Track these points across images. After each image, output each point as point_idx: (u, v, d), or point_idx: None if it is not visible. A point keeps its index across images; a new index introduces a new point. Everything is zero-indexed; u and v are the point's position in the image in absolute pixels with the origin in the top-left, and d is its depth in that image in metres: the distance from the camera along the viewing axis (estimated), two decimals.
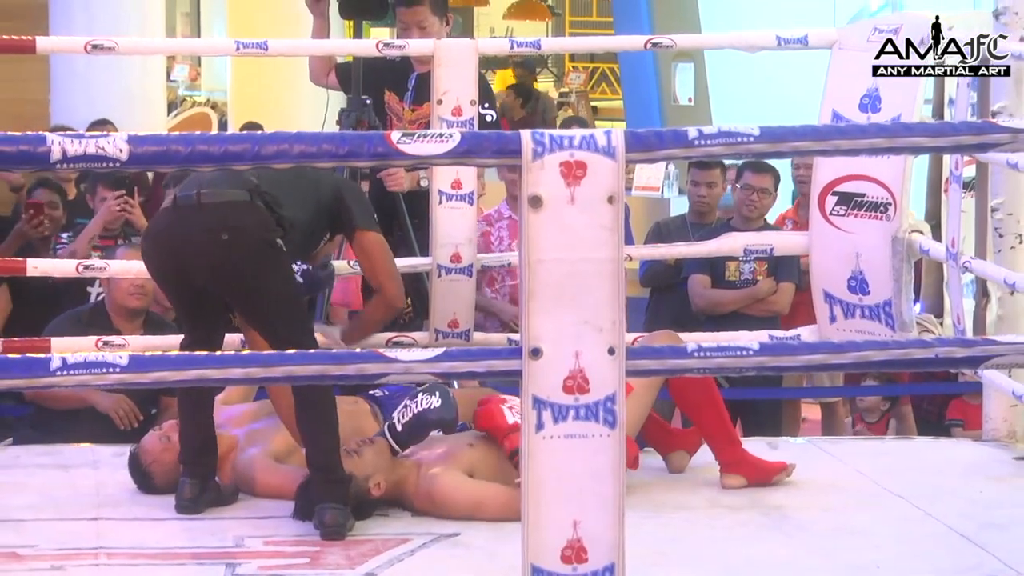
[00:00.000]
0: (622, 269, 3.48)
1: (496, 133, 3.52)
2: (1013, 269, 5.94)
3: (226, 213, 5.36)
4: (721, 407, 5.77)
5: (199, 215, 5.36)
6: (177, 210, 5.41)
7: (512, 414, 5.34)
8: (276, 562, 5.03)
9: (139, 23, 10.90)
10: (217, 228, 5.32)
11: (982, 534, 5.23)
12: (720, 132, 3.50)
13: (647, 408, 5.72)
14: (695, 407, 5.78)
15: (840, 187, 6.23)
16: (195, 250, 5.36)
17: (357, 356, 3.53)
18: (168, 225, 5.45)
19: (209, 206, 5.35)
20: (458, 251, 6.44)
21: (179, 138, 3.42)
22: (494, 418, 5.38)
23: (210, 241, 5.32)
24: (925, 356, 3.73)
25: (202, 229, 5.34)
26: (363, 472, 5.32)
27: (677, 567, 4.91)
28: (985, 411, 6.39)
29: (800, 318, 7.55)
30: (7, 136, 3.35)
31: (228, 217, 5.35)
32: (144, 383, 3.51)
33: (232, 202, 5.37)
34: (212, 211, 5.36)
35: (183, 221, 5.39)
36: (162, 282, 5.67)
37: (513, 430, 5.30)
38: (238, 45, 6.55)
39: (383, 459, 5.39)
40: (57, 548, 5.07)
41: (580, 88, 23.30)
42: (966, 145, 4.06)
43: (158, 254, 5.51)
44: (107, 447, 6.22)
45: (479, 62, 6.52)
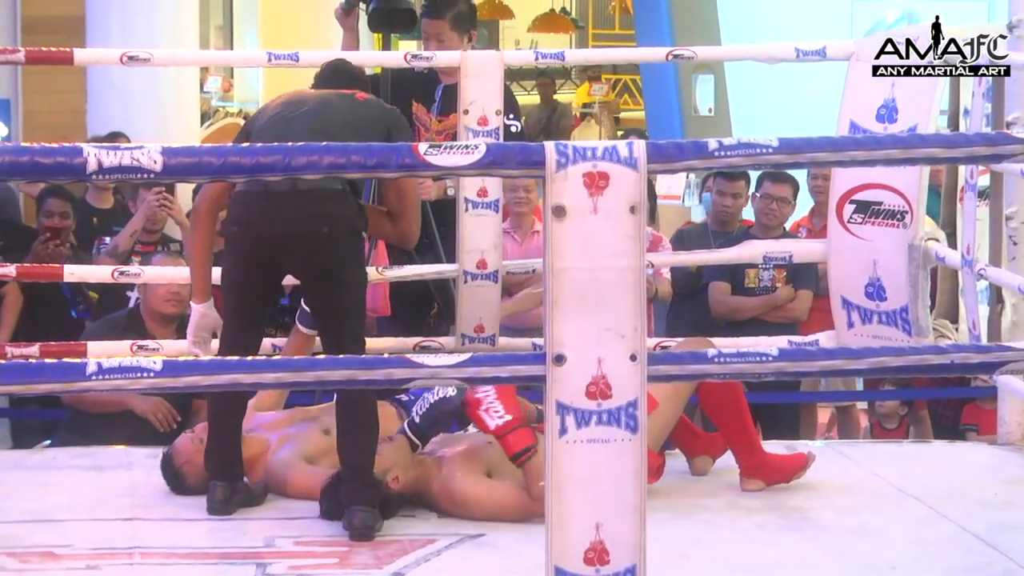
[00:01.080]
0: (643, 277, 3.48)
1: (520, 145, 3.52)
2: None
3: (324, 203, 5.27)
4: (746, 414, 5.78)
5: (296, 204, 5.25)
6: (270, 197, 5.28)
7: (491, 417, 5.26)
8: (306, 562, 5.04)
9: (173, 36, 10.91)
10: (317, 220, 5.25)
11: (995, 535, 5.22)
12: (740, 143, 3.49)
13: (671, 423, 5.70)
14: (721, 413, 5.77)
15: (858, 195, 6.23)
16: (293, 241, 5.30)
17: (385, 361, 3.53)
18: (264, 213, 5.32)
19: (306, 194, 5.24)
20: (484, 257, 6.45)
21: (211, 150, 3.42)
22: (483, 426, 5.32)
23: (310, 233, 5.27)
24: (941, 362, 3.71)
25: (301, 220, 5.25)
26: (380, 467, 5.32)
27: (698, 568, 4.90)
28: (1000, 415, 6.38)
29: (818, 324, 7.54)
30: (45, 148, 3.35)
31: (327, 208, 5.28)
32: (177, 387, 3.51)
33: (329, 190, 5.28)
34: (309, 200, 5.25)
35: (279, 209, 5.28)
36: (246, 267, 5.45)
37: (500, 434, 5.27)
38: (270, 57, 6.56)
39: (401, 455, 5.39)
40: (93, 548, 5.07)
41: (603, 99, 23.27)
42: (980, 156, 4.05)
43: (252, 241, 5.39)
44: (141, 449, 6.23)
45: (504, 74, 6.52)
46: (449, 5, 6.84)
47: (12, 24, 11.89)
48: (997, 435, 6.39)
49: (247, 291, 5.49)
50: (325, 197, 5.28)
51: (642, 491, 3.50)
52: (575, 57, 11.20)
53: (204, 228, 5.59)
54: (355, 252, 5.38)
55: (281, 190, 5.23)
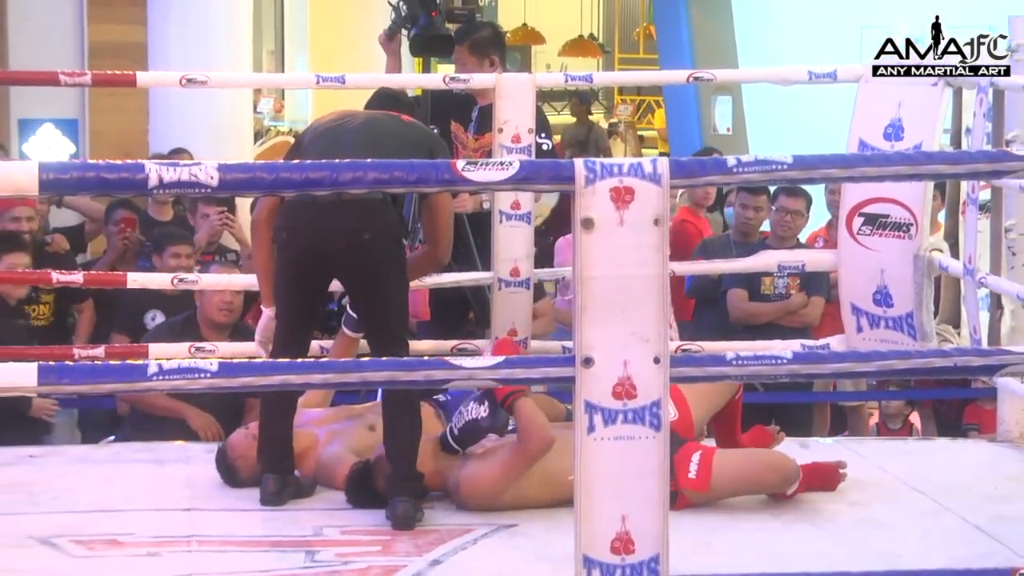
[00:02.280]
0: (667, 284, 3.47)
1: (552, 162, 3.52)
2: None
3: (366, 213, 5.29)
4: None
5: (341, 213, 5.26)
6: (317, 207, 5.30)
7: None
8: (351, 550, 5.04)
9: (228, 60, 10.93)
10: (360, 228, 5.28)
11: (995, 526, 5.20)
12: (756, 160, 3.49)
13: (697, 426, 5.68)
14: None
15: (866, 209, 6.21)
16: (338, 248, 5.32)
17: (424, 363, 3.53)
18: (310, 221, 5.33)
19: (350, 204, 5.24)
20: (517, 266, 6.45)
21: (264, 166, 3.42)
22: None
23: (354, 240, 5.29)
24: (945, 365, 3.70)
25: (345, 228, 5.28)
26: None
27: (717, 557, 4.89)
28: (999, 415, 6.36)
29: (829, 328, 7.52)
30: (110, 164, 3.36)
31: (369, 217, 5.30)
32: (233, 387, 3.52)
33: (371, 200, 5.29)
34: (353, 210, 5.27)
35: (325, 218, 5.29)
36: (294, 272, 5.48)
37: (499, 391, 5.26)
38: (318, 79, 6.56)
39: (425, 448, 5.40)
40: (153, 536, 5.08)
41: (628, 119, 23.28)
42: (983, 172, 4.04)
43: (299, 247, 5.42)
44: (198, 445, 6.26)
45: (536, 95, 6.53)
46: (469, 32, 6.86)
47: (80, 50, 11.93)
48: (997, 433, 6.37)
49: (297, 295, 5.50)
50: (367, 207, 5.29)
51: (665, 485, 3.49)
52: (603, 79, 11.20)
53: (263, 239, 5.60)
54: (396, 257, 5.39)
55: (327, 200, 5.23)
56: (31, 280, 7.47)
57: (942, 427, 8.53)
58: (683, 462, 5.34)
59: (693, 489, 5.36)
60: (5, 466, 5.93)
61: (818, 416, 8.66)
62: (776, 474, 5.48)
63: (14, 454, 6.40)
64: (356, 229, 5.28)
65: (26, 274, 7.52)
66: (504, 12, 27.73)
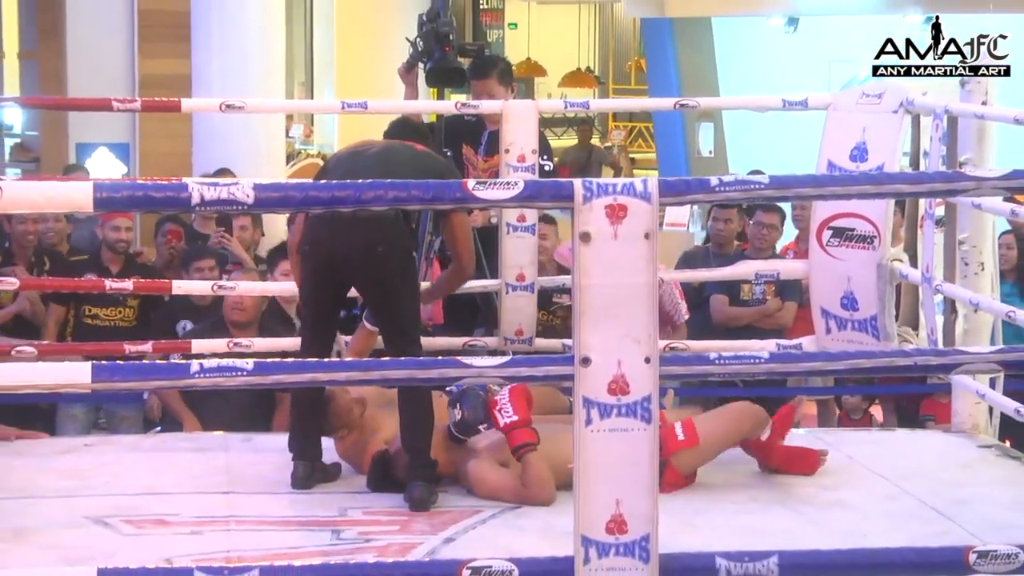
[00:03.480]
0: (656, 292, 3.46)
1: (553, 181, 3.51)
2: (976, 291, 5.91)
3: (380, 228, 5.28)
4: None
5: (356, 228, 5.27)
6: (334, 222, 5.31)
7: (502, 416, 5.26)
8: (373, 528, 5.02)
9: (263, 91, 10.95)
10: (373, 242, 5.28)
11: (951, 508, 5.18)
12: (736, 180, 3.47)
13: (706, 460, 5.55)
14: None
15: (834, 223, 6.19)
16: (353, 260, 5.32)
17: (439, 362, 3.52)
18: (329, 235, 5.35)
19: (365, 220, 5.25)
20: (522, 272, 6.46)
21: (295, 185, 3.42)
22: (495, 423, 5.31)
23: (368, 253, 5.29)
24: (906, 363, 3.69)
25: (360, 242, 5.28)
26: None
27: (700, 535, 4.87)
28: (954, 408, 6.34)
29: (801, 329, 7.50)
30: (157, 184, 3.36)
31: (382, 232, 5.29)
32: (266, 384, 3.51)
33: (384, 217, 5.28)
34: (368, 225, 5.27)
35: (342, 232, 5.30)
36: (315, 280, 5.48)
37: (508, 430, 5.26)
38: (343, 105, 6.54)
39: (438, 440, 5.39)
40: (196, 516, 5.07)
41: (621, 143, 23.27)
42: (939, 191, 4.03)
43: (319, 259, 5.42)
44: (236, 434, 6.23)
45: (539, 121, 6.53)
46: (493, 64, 6.90)
47: (131, 81, 11.94)
48: (951, 424, 6.35)
49: (318, 302, 5.51)
50: (380, 223, 5.29)
51: (655, 472, 3.47)
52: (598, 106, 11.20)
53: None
54: (406, 268, 5.39)
55: (344, 216, 5.23)
56: (86, 287, 7.50)
57: (902, 419, 8.51)
58: (669, 434, 5.32)
59: (686, 447, 5.35)
60: (62, 454, 5.93)
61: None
62: (750, 419, 5.58)
63: (69, 443, 6.40)
64: (370, 243, 5.28)
65: (82, 281, 7.56)
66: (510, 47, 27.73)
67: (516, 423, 5.25)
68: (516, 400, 5.26)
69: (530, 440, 5.23)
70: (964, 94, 5.91)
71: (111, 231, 8.26)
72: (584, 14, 29.66)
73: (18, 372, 3.43)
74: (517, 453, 5.25)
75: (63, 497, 5.32)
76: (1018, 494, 5.44)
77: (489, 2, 29.22)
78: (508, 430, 5.26)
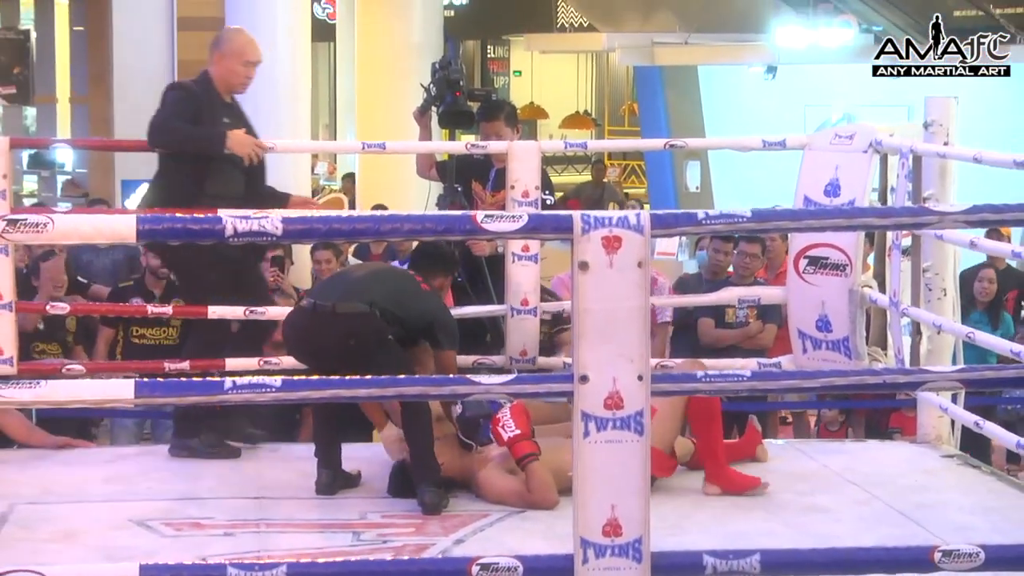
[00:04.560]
0: (647, 316, 3.45)
1: (554, 214, 3.50)
2: (939, 314, 5.90)
3: (354, 323, 5.36)
4: (718, 431, 5.61)
5: (333, 321, 5.36)
6: (316, 315, 5.42)
7: (504, 431, 5.28)
8: (390, 531, 5.01)
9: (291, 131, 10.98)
10: (346, 336, 5.33)
11: (916, 512, 5.17)
12: (721, 214, 3.46)
13: (675, 427, 5.60)
14: (700, 425, 5.66)
15: (810, 252, 6.18)
16: (328, 348, 5.38)
17: (450, 380, 3.52)
18: (308, 325, 5.45)
19: (342, 316, 5.36)
20: (526, 297, 6.43)
21: (319, 218, 3.41)
22: (499, 438, 5.32)
23: (341, 344, 5.34)
24: (876, 381, 3.69)
25: (336, 335, 5.35)
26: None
27: (689, 537, 4.85)
28: (919, 421, 6.32)
29: (781, 349, 7.49)
30: (195, 216, 3.35)
31: (355, 326, 5.35)
32: (293, 400, 3.50)
33: (358, 314, 5.36)
34: (344, 320, 5.35)
35: (320, 324, 5.40)
36: (297, 359, 5.67)
37: (511, 443, 5.26)
38: (364, 146, 6.52)
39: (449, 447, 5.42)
40: (229, 519, 5.07)
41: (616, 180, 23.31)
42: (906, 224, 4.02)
43: (297, 343, 5.56)
44: (265, 445, 6.21)
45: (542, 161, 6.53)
46: (501, 109, 6.90)
47: None
48: (917, 436, 6.33)
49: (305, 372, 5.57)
50: (355, 319, 5.37)
51: (646, 479, 3.46)
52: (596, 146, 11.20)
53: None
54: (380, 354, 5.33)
55: (325, 311, 5.37)
56: (129, 311, 7.54)
57: (871, 431, 8.50)
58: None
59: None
60: (107, 462, 5.92)
61: (771, 421, 8.62)
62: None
63: (114, 452, 6.39)
64: (343, 336, 5.33)
65: (127, 306, 7.69)
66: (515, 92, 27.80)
67: (518, 436, 5.27)
68: (517, 416, 5.29)
69: (532, 451, 5.25)
70: (928, 136, 5.92)
71: (153, 259, 8.30)
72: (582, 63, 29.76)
73: (69, 388, 3.43)
74: (521, 463, 5.25)
75: (109, 501, 5.32)
76: (978, 499, 5.42)
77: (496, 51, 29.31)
78: (511, 443, 5.27)
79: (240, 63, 6.05)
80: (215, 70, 6.08)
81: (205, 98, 6.05)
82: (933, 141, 5.88)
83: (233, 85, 6.09)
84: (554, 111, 27.66)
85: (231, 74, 6.07)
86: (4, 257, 6.08)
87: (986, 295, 8.58)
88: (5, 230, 3.22)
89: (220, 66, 6.07)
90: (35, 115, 16.84)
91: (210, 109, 6.05)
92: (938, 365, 5.72)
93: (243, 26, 11.10)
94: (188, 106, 6.01)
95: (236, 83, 6.09)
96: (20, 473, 5.66)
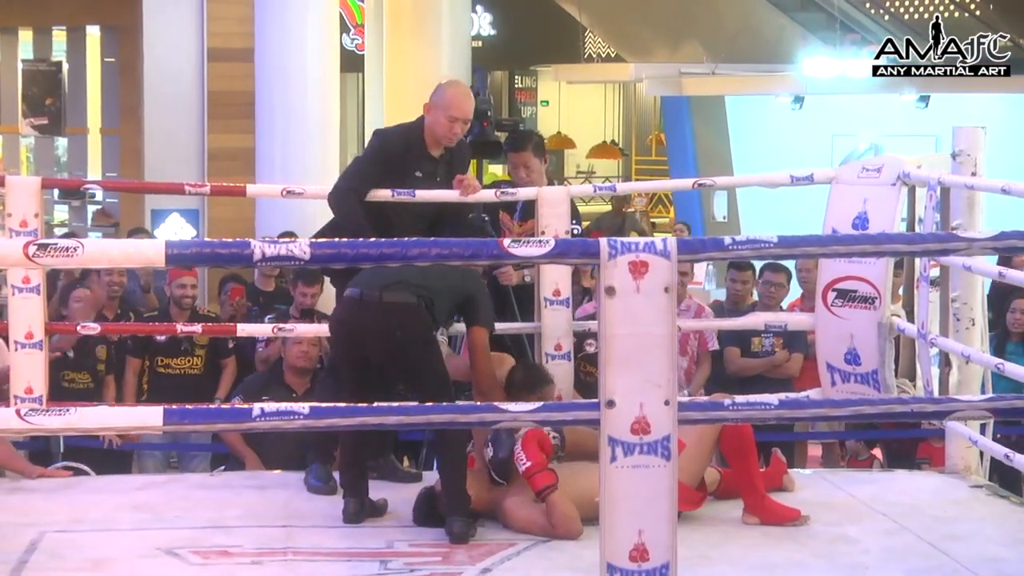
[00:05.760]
0: (675, 341, 3.45)
1: (581, 240, 3.52)
2: (968, 344, 5.87)
3: (401, 314, 5.34)
4: (755, 462, 5.57)
5: (380, 312, 5.34)
6: (363, 304, 5.39)
7: (519, 464, 5.27)
8: (417, 560, 5.00)
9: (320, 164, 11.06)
10: (394, 328, 5.32)
11: (945, 543, 5.14)
12: (748, 239, 3.47)
13: (703, 462, 5.56)
14: (735, 458, 5.62)
15: (839, 285, 6.16)
16: (376, 341, 5.37)
17: (479, 408, 3.53)
18: (357, 317, 5.42)
19: (388, 305, 5.34)
20: (559, 343, 6.38)
21: (346, 243, 3.43)
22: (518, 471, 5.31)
23: (388, 336, 5.33)
24: (903, 411, 3.67)
25: (382, 326, 5.33)
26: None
27: (716, 566, 4.84)
28: (947, 451, 6.28)
29: (808, 380, 7.46)
30: (223, 241, 3.37)
31: (402, 317, 5.34)
32: (320, 427, 3.51)
33: (405, 304, 5.35)
34: (390, 310, 5.34)
35: (367, 315, 5.37)
36: (346, 357, 5.58)
37: (527, 476, 5.24)
38: (393, 192, 6.31)
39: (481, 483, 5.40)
40: (256, 547, 5.07)
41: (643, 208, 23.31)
42: (932, 250, 4.01)
43: (347, 338, 5.51)
44: (294, 473, 6.21)
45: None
46: (528, 139, 6.88)
47: (201, 154, 12.04)
48: (945, 466, 6.29)
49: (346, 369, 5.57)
50: (402, 309, 5.35)
51: (674, 504, 3.46)
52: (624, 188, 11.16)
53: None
54: (426, 350, 5.35)
55: (371, 301, 5.33)
56: (160, 331, 7.77)
57: (899, 461, 8.45)
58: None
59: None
60: (136, 490, 5.92)
61: (799, 451, 8.58)
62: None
63: (145, 480, 6.40)
64: (391, 328, 5.32)
65: (156, 326, 7.84)
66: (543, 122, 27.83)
67: (531, 469, 5.24)
68: (528, 447, 5.26)
69: (549, 483, 5.22)
70: (955, 167, 5.90)
71: (177, 288, 8.37)
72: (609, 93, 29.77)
73: (100, 415, 3.44)
74: (540, 496, 5.23)
75: (137, 530, 5.32)
76: (1007, 530, 5.39)
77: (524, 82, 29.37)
78: (528, 476, 5.25)
79: (446, 116, 5.95)
80: (427, 119, 6.04)
81: (403, 148, 6.02)
82: (961, 171, 5.86)
83: (437, 136, 6.03)
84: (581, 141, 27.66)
85: (437, 125, 5.99)
86: (36, 296, 6.10)
87: (1019, 326, 8.54)
88: (36, 254, 3.25)
89: (430, 116, 6.01)
90: (66, 146, 16.93)
91: (403, 161, 6.01)
92: (967, 395, 5.69)
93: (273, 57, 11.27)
94: (376, 164, 6.01)
95: (440, 135, 6.01)
96: (49, 501, 5.67)
